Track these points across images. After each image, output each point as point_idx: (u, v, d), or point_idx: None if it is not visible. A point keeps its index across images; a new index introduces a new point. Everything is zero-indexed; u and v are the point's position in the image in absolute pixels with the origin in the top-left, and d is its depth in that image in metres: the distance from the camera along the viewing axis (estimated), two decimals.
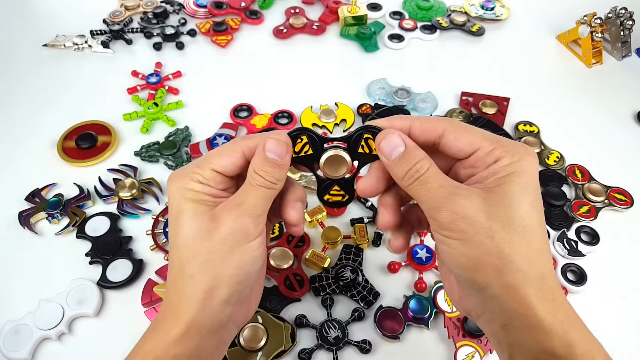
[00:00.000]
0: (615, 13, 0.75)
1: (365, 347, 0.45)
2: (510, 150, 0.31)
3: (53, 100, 0.68)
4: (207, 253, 0.31)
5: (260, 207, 0.33)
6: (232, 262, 0.32)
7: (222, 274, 0.32)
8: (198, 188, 0.33)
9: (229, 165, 0.34)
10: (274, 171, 0.33)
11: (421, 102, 0.68)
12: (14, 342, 0.44)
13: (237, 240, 0.32)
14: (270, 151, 0.33)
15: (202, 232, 0.32)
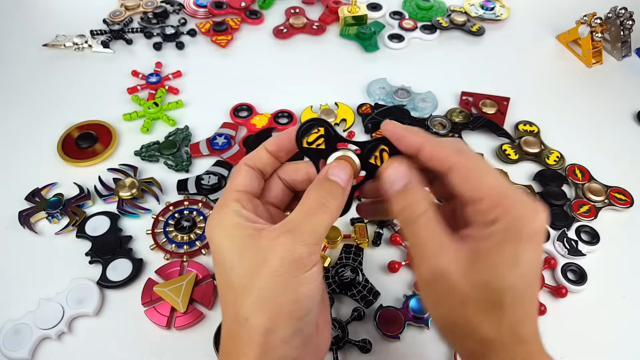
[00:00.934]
0: (615, 13, 0.75)
1: (365, 346, 0.44)
2: (512, 213, 0.28)
3: (53, 100, 0.68)
4: (258, 290, 0.28)
5: (316, 235, 0.29)
6: (288, 297, 0.28)
7: (278, 312, 0.28)
8: (235, 215, 0.30)
9: (246, 182, 0.33)
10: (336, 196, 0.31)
11: (421, 102, 0.68)
12: (14, 342, 0.44)
13: (291, 272, 0.28)
14: (335, 175, 0.31)
15: (251, 268, 0.29)
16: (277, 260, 0.28)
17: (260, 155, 0.34)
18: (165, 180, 0.58)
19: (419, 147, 0.31)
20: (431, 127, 0.64)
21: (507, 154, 0.62)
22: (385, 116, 0.65)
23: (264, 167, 0.34)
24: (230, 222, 0.30)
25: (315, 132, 0.33)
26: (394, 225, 0.54)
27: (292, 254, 0.28)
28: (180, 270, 0.50)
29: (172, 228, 0.53)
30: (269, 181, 0.36)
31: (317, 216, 0.30)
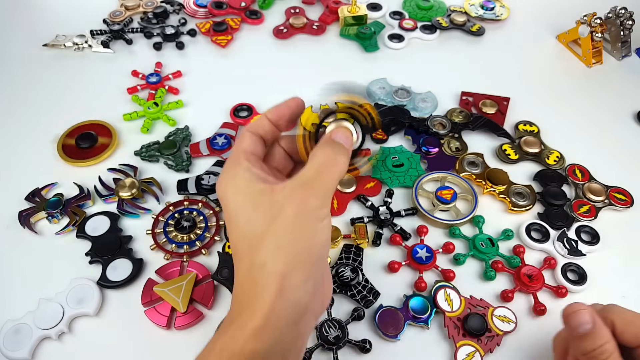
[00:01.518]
0: (615, 13, 0.75)
1: (365, 346, 0.44)
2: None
3: (53, 100, 0.68)
4: (275, 237, 0.30)
5: (327, 187, 0.32)
6: (303, 245, 0.30)
7: (294, 258, 0.30)
8: (247, 173, 0.32)
9: (251, 145, 0.35)
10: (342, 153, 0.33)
11: (421, 102, 0.68)
12: (14, 342, 0.44)
13: (306, 221, 0.30)
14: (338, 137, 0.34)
15: (267, 218, 0.30)
16: (293, 211, 0.30)
17: (262, 123, 0.36)
18: (165, 180, 0.58)
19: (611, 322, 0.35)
20: (431, 127, 0.64)
21: (507, 154, 0.62)
22: (385, 116, 0.65)
23: (265, 134, 0.36)
24: (243, 179, 0.32)
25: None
26: (395, 225, 0.54)
27: (307, 205, 0.30)
28: (180, 270, 0.50)
29: (172, 228, 0.53)
30: (271, 148, 0.38)
31: (327, 172, 0.32)
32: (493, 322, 0.46)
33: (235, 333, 0.30)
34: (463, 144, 0.63)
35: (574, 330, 0.34)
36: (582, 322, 0.34)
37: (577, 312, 0.35)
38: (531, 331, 0.47)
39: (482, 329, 0.45)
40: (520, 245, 0.53)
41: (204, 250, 0.51)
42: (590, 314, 0.34)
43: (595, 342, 0.34)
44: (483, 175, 0.59)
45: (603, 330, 0.34)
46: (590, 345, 0.34)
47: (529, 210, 0.57)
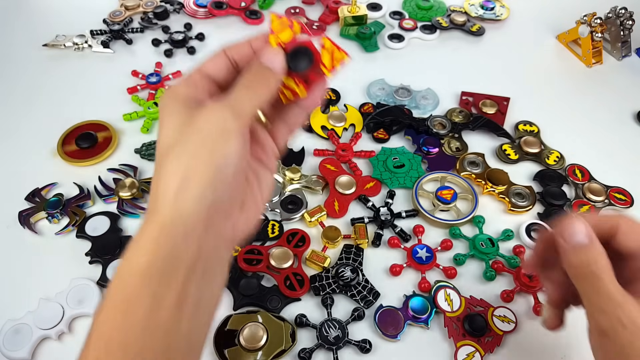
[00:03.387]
0: (615, 13, 0.75)
1: (365, 346, 0.44)
2: None
3: (53, 100, 0.68)
4: (181, 143, 0.30)
5: (245, 104, 0.31)
6: (205, 156, 0.29)
7: (194, 166, 0.29)
8: (182, 90, 0.32)
9: (215, 67, 0.33)
10: (269, 77, 0.32)
11: (422, 100, 0.68)
12: (14, 342, 0.44)
13: (213, 132, 0.30)
14: (267, 60, 0.32)
15: (180, 126, 0.30)
16: (203, 120, 0.30)
17: (243, 49, 0.34)
18: None
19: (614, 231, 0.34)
20: (431, 127, 0.64)
21: (507, 154, 0.62)
22: (385, 116, 0.65)
23: (240, 60, 0.34)
24: (176, 97, 0.32)
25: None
26: (395, 226, 0.54)
27: (217, 116, 0.30)
28: None
29: None
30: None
31: (247, 92, 0.31)
32: (493, 322, 0.46)
33: (136, 247, 0.29)
34: (463, 144, 0.63)
35: (570, 240, 0.33)
36: (577, 232, 0.33)
37: (574, 223, 0.33)
38: (531, 331, 0.47)
39: (482, 329, 0.45)
40: (520, 245, 0.53)
41: None
42: (586, 226, 0.33)
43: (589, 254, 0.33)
44: (483, 175, 0.59)
45: (596, 242, 0.33)
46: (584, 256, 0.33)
47: (529, 210, 0.57)
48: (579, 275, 0.33)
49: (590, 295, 0.32)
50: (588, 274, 0.32)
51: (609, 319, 0.30)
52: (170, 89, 0.33)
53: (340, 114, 0.65)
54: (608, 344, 0.31)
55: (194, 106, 0.31)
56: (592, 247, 0.33)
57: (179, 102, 0.31)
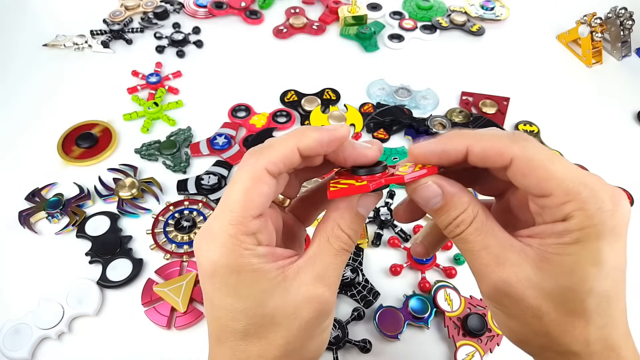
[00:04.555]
0: (615, 13, 0.75)
1: (365, 346, 0.44)
2: (588, 206, 0.23)
3: (53, 100, 0.68)
4: (286, 344, 0.26)
5: (339, 277, 0.27)
6: (313, 346, 0.27)
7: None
8: (254, 257, 0.25)
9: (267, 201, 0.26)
10: (360, 232, 0.28)
11: (422, 99, 0.68)
12: (14, 342, 0.44)
13: (320, 320, 0.26)
14: (363, 207, 0.27)
15: (277, 320, 0.26)
16: (312, 313, 0.25)
17: (291, 160, 0.26)
18: (165, 181, 0.58)
19: (464, 152, 0.26)
20: (431, 127, 0.64)
21: None
22: (385, 116, 0.65)
23: (289, 171, 0.28)
24: (248, 266, 0.25)
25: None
26: (395, 226, 0.54)
27: (324, 304, 0.26)
28: (180, 270, 0.50)
29: (172, 228, 0.53)
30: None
31: (344, 256, 0.27)
32: (493, 322, 0.46)
33: None
34: None
35: (426, 208, 0.27)
36: (429, 197, 0.27)
37: (422, 186, 0.27)
38: None
39: (482, 329, 0.45)
40: None
41: None
42: (435, 185, 0.26)
43: (450, 215, 0.26)
44: None
45: (455, 199, 0.26)
46: (445, 219, 0.27)
47: None
48: (451, 237, 0.27)
49: (467, 260, 0.27)
50: (456, 239, 0.27)
51: (487, 283, 0.26)
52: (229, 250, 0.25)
53: (340, 114, 0.65)
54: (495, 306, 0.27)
55: (277, 275, 0.25)
56: (449, 205, 0.26)
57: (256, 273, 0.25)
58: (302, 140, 0.26)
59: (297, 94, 0.69)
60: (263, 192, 0.25)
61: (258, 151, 0.26)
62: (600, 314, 0.24)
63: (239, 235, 0.25)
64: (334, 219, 0.27)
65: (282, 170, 0.26)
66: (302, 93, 0.69)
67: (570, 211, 0.24)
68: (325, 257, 0.26)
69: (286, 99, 0.68)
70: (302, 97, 0.68)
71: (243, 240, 0.25)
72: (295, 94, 0.69)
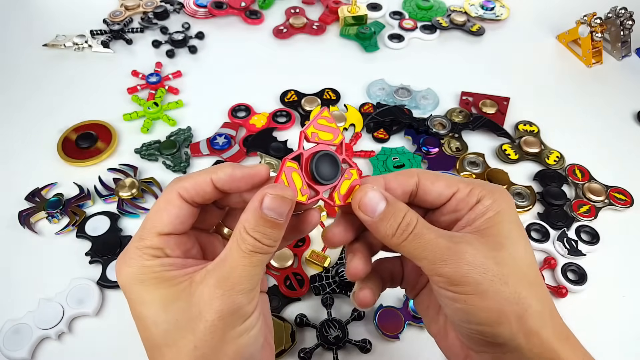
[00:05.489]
0: (615, 13, 0.75)
1: (365, 346, 0.44)
2: (488, 190, 0.30)
3: (53, 100, 0.68)
4: (194, 348, 0.25)
5: (254, 278, 0.26)
6: (229, 351, 0.26)
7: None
8: (157, 267, 0.26)
9: (175, 219, 0.27)
10: (273, 232, 0.26)
11: (422, 100, 0.68)
12: (13, 342, 0.44)
13: (230, 323, 0.26)
14: (270, 209, 0.26)
15: (182, 324, 0.25)
16: (215, 314, 0.25)
17: (204, 189, 0.28)
18: (166, 181, 0.58)
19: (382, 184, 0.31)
20: (431, 127, 0.64)
21: (507, 154, 0.62)
22: (385, 116, 0.65)
23: (203, 202, 0.29)
24: (151, 274, 0.26)
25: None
26: None
27: (231, 305, 0.25)
28: None
29: None
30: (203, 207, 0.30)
31: (254, 258, 0.26)
32: None
33: None
34: (463, 144, 0.63)
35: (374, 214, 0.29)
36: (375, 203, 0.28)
37: (368, 195, 0.29)
38: None
39: None
40: None
41: None
42: (378, 191, 0.29)
43: (396, 218, 0.28)
44: (483, 175, 0.59)
45: (397, 203, 0.29)
46: (392, 223, 0.28)
47: (529, 210, 0.57)
48: (402, 244, 0.28)
49: (424, 255, 0.28)
50: (410, 237, 0.28)
51: (453, 266, 0.27)
52: (132, 265, 0.26)
53: (340, 114, 0.65)
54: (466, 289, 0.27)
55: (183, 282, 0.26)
56: (394, 208, 0.28)
57: (158, 284, 0.26)
58: (216, 173, 0.28)
59: (297, 94, 0.69)
60: (172, 212, 0.28)
61: (177, 179, 0.29)
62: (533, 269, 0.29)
63: (143, 248, 0.27)
64: (241, 221, 0.26)
65: (194, 197, 0.28)
66: (302, 93, 0.69)
67: (479, 193, 0.29)
68: (233, 260, 0.26)
69: (286, 99, 0.68)
70: (302, 97, 0.68)
71: (147, 252, 0.27)
72: (295, 94, 0.69)
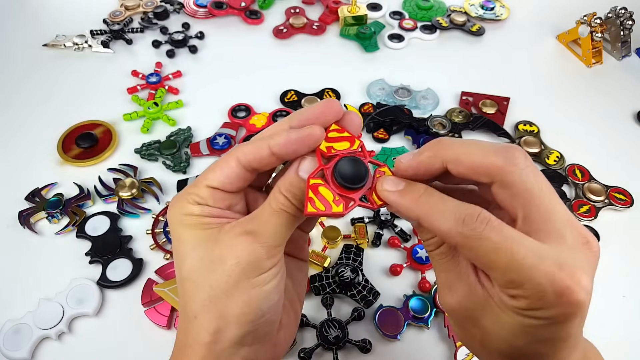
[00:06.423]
0: (615, 13, 0.75)
1: (365, 346, 0.44)
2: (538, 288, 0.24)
3: (53, 100, 0.68)
4: (210, 288, 0.27)
5: (279, 237, 0.28)
6: (239, 299, 0.27)
7: (228, 313, 0.27)
8: (196, 210, 0.28)
9: (225, 178, 0.29)
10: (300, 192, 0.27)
11: (422, 100, 0.68)
12: (14, 342, 0.44)
13: (245, 272, 0.27)
14: (305, 171, 0.27)
15: (205, 263, 0.27)
16: (233, 260, 0.27)
17: (261, 155, 0.29)
18: (165, 181, 0.58)
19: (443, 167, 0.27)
20: (431, 127, 0.64)
21: None
22: (385, 116, 0.65)
23: (260, 167, 0.29)
24: (189, 216, 0.28)
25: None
26: (395, 226, 0.54)
27: (250, 254, 0.27)
28: None
29: None
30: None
31: (282, 216, 0.28)
32: None
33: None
34: None
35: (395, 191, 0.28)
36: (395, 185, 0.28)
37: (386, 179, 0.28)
38: None
39: None
40: None
41: None
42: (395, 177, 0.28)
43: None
44: None
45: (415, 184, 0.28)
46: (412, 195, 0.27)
47: None
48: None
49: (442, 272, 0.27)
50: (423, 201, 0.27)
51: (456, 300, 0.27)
52: (178, 206, 0.29)
53: None
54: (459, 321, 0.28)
55: (214, 228, 0.28)
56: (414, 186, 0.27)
57: (193, 226, 0.28)
58: (273, 139, 0.28)
59: (297, 94, 0.69)
60: (224, 172, 0.29)
61: (240, 144, 0.30)
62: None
63: (189, 194, 0.29)
64: (277, 183, 0.28)
65: (252, 162, 0.29)
66: (302, 93, 0.69)
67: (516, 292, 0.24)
68: (262, 215, 0.28)
69: (286, 99, 0.68)
70: (302, 97, 0.68)
71: (191, 197, 0.29)
72: (295, 94, 0.69)
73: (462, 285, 0.26)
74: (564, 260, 0.24)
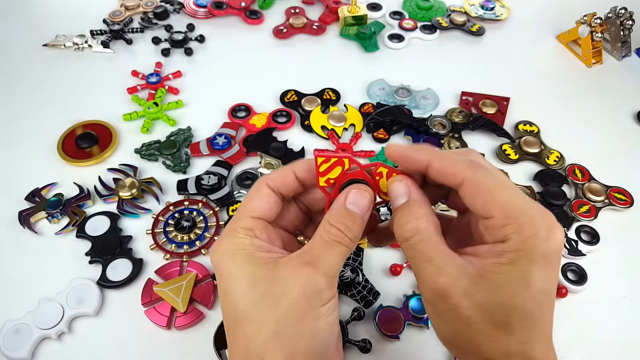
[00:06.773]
0: (615, 13, 0.75)
1: (365, 346, 0.44)
2: (524, 231, 0.26)
3: (53, 100, 0.68)
4: (275, 324, 0.27)
5: (334, 267, 0.28)
6: (307, 332, 0.27)
7: (296, 350, 0.27)
8: (248, 244, 0.29)
9: (265, 204, 0.30)
10: (354, 227, 0.29)
11: (422, 100, 0.68)
12: (13, 342, 0.44)
13: (311, 303, 0.27)
14: (353, 204, 0.29)
15: (266, 298, 0.27)
16: (298, 291, 0.27)
17: (287, 180, 0.31)
18: (165, 181, 0.58)
19: (425, 164, 0.30)
20: (431, 127, 0.64)
21: (507, 154, 0.62)
22: (385, 116, 0.65)
23: (287, 192, 0.32)
24: (242, 251, 0.29)
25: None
26: None
27: (314, 284, 0.27)
28: (180, 270, 0.50)
29: (172, 228, 0.53)
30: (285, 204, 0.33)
31: (336, 247, 0.29)
32: None
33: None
34: (463, 144, 0.63)
35: (393, 204, 0.30)
36: (398, 194, 0.30)
37: (397, 182, 0.30)
38: None
39: None
40: None
41: (203, 250, 0.51)
42: (406, 185, 0.30)
43: (406, 217, 0.29)
44: None
45: (415, 206, 0.29)
46: (400, 220, 0.29)
47: None
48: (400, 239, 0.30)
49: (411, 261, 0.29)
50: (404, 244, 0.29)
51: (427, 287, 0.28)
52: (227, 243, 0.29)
53: (340, 114, 0.65)
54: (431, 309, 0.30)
55: (269, 263, 0.28)
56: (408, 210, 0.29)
57: (247, 262, 0.28)
58: (298, 165, 0.31)
59: (297, 94, 0.69)
60: (261, 199, 0.31)
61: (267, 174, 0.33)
62: (522, 330, 0.27)
63: (238, 228, 0.30)
64: (326, 217, 0.30)
65: (280, 187, 0.31)
66: (302, 93, 0.69)
67: (508, 233, 0.26)
68: (316, 248, 0.29)
69: (286, 99, 0.68)
70: (302, 97, 0.68)
71: (241, 231, 0.29)
72: (295, 94, 0.69)
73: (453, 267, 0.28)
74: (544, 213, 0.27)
